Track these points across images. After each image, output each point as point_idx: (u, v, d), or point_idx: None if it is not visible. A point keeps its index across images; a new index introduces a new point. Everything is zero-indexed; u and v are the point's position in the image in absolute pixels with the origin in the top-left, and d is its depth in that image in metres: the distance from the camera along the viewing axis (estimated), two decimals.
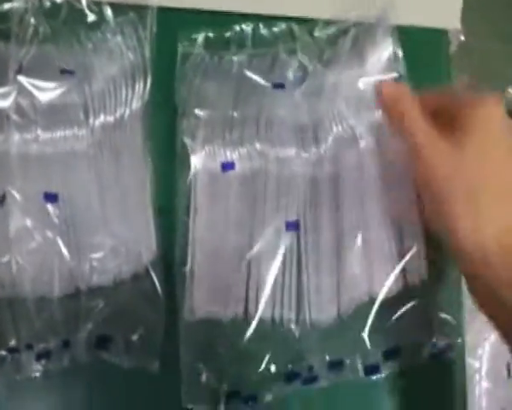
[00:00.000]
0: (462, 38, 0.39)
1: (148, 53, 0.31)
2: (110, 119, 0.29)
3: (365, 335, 0.26)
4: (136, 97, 0.30)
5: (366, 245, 0.28)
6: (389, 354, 0.27)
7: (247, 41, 0.32)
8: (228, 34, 0.32)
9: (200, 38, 0.32)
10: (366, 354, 0.27)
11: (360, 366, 0.26)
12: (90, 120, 0.29)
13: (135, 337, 0.26)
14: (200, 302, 0.27)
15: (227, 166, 0.29)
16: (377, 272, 0.28)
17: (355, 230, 0.28)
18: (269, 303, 0.27)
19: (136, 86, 0.31)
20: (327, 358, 0.27)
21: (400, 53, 0.32)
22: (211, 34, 0.32)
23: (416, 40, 0.33)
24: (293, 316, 0.27)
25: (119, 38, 0.31)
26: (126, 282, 0.27)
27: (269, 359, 0.26)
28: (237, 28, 0.32)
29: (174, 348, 0.26)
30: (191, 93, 0.30)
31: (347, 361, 0.27)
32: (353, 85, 0.30)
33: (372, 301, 0.28)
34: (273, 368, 0.26)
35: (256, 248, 0.28)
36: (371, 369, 0.27)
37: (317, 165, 0.30)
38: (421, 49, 0.33)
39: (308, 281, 0.28)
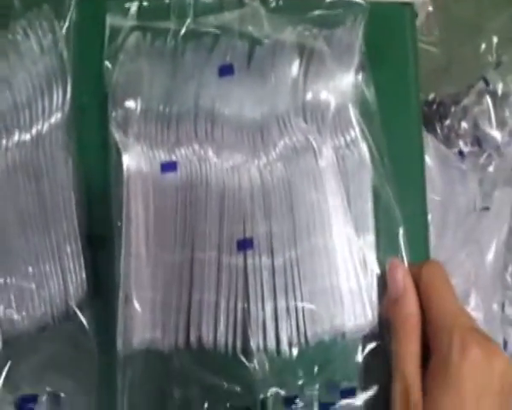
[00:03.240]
0: (430, 8, 0.37)
1: (66, 53, 0.28)
2: (26, 137, 0.27)
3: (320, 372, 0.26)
4: (55, 108, 0.28)
5: (328, 272, 0.27)
6: (345, 394, 0.26)
7: (188, 10, 0.29)
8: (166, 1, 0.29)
9: (134, 7, 0.29)
10: (321, 392, 0.26)
11: (316, 404, 0.26)
12: (3, 141, 0.26)
13: (63, 394, 0.24)
14: (136, 329, 0.25)
15: (167, 167, 0.27)
16: (341, 304, 0.27)
17: (314, 258, 0.27)
18: (212, 330, 0.26)
19: (55, 95, 0.28)
20: (281, 393, 0.26)
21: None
22: (145, 3, 0.29)
23: (382, 14, 0.31)
24: (238, 344, 0.26)
25: (31, 35, 0.28)
26: (51, 328, 0.25)
27: (216, 392, 0.25)
28: None
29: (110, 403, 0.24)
30: (121, 79, 0.28)
31: (303, 398, 0.26)
32: (315, 87, 0.28)
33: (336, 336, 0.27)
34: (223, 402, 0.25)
35: (198, 268, 0.26)
36: (326, 407, 0.26)
37: (266, 174, 0.28)
38: (386, 22, 0.32)
39: (263, 306, 0.26)
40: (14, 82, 0.27)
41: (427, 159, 0.47)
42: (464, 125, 0.56)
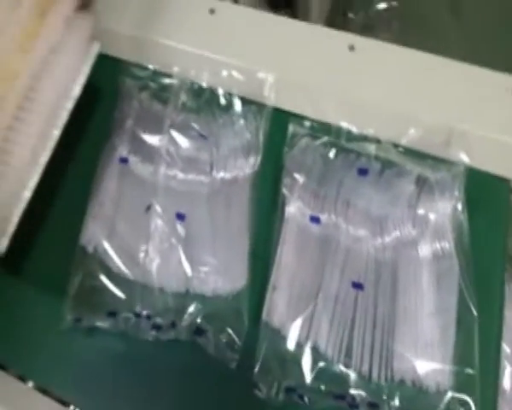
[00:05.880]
0: None
1: (261, 137, 0.46)
2: (227, 176, 0.43)
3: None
4: (248, 166, 0.44)
5: (415, 331, 0.38)
6: None
7: (343, 135, 0.46)
8: (329, 127, 0.46)
9: (308, 123, 0.46)
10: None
11: None
12: (213, 174, 0.43)
13: (223, 337, 0.36)
14: (276, 312, 0.37)
15: (314, 220, 0.41)
16: (422, 356, 0.37)
17: (407, 315, 0.39)
18: (324, 341, 0.37)
19: (251, 159, 0.45)
20: (368, 398, 0.35)
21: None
22: (316, 124, 0.46)
23: (481, 178, 0.45)
24: (342, 359, 0.36)
25: (242, 121, 0.47)
26: (221, 297, 0.38)
27: (321, 377, 0.36)
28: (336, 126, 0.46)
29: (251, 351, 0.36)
30: (293, 161, 0.44)
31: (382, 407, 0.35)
32: (423, 205, 0.43)
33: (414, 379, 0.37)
34: (323, 386, 0.36)
35: (322, 293, 0.38)
36: None
37: (380, 251, 0.42)
38: (482, 191, 0.45)
39: (363, 337, 0.37)
40: (227, 143, 0.45)
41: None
42: None
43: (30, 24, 0.37)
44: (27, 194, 0.36)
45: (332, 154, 0.45)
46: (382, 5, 1.14)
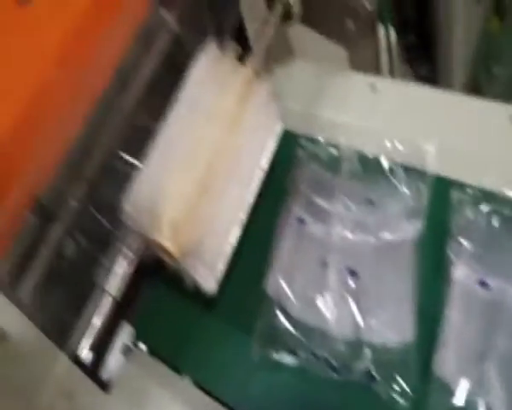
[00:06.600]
0: None
1: (424, 202, 0.50)
2: (392, 238, 0.48)
3: None
4: (411, 229, 0.48)
5: None
6: None
7: (506, 203, 0.47)
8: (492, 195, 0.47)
9: (470, 190, 0.48)
10: None
11: None
12: (379, 235, 0.48)
13: (394, 384, 0.40)
14: (447, 371, 0.40)
15: (483, 284, 0.43)
16: None
17: None
18: (496, 402, 0.39)
19: (414, 223, 0.49)
20: None
21: None
22: (478, 192, 0.48)
23: None
24: None
25: (405, 188, 0.51)
26: (390, 348, 0.42)
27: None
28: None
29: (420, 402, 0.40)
30: (458, 227, 0.47)
31: None
32: None
33: None
34: None
35: (492, 356, 0.40)
36: None
37: None
38: None
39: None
40: (391, 208, 0.50)
41: None
42: None
43: (235, 111, 0.48)
44: (229, 248, 0.45)
45: (496, 221, 0.47)
46: None
